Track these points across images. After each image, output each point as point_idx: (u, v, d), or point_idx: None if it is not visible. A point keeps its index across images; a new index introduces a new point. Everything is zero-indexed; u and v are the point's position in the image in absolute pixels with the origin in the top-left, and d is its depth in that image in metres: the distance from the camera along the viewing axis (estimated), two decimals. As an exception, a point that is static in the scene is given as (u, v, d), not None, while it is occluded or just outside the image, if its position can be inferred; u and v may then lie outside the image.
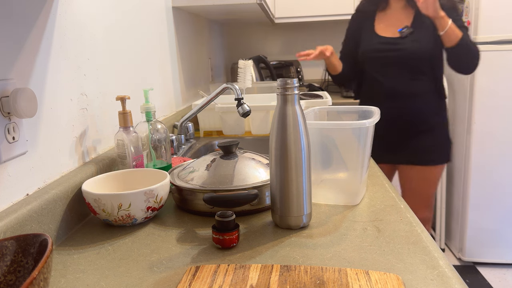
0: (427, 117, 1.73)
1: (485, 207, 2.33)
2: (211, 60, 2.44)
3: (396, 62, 1.70)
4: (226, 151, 0.92)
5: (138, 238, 0.77)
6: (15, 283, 0.53)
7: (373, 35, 1.76)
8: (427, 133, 1.74)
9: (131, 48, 1.24)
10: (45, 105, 0.81)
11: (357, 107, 1.02)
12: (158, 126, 1.03)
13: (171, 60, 1.65)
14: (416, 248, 0.68)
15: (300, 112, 0.74)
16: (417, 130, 1.74)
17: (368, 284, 0.57)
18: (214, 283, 0.58)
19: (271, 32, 3.21)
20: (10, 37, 0.71)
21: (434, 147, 1.77)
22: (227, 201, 0.78)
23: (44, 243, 0.52)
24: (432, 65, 1.69)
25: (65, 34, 0.88)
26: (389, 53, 1.70)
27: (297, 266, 0.62)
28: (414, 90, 1.70)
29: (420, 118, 1.72)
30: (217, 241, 0.70)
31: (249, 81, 1.52)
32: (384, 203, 0.87)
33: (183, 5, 1.70)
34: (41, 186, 0.79)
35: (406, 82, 1.70)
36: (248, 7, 1.87)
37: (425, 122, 1.73)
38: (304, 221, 0.77)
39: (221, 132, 1.66)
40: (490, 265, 2.39)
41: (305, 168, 0.75)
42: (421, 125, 1.73)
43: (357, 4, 1.99)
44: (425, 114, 1.73)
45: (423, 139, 1.75)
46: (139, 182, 0.91)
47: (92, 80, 0.99)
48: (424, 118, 1.72)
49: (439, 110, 1.77)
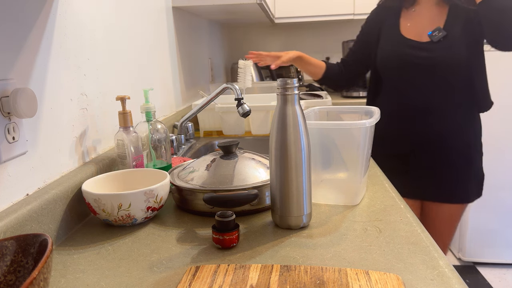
0: (461, 142, 1.40)
1: (485, 207, 2.33)
2: (211, 60, 2.44)
3: (424, 71, 1.38)
4: (226, 151, 0.92)
5: (138, 238, 0.77)
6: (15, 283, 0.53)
7: (397, 36, 1.44)
8: (460, 162, 1.42)
9: (131, 48, 1.24)
10: (45, 105, 0.80)
11: (357, 107, 1.02)
12: (158, 126, 1.03)
13: (171, 60, 1.65)
14: (416, 248, 0.68)
15: (300, 112, 0.74)
16: (448, 157, 1.41)
17: (368, 284, 0.57)
18: (214, 283, 0.58)
19: (271, 32, 3.21)
20: (10, 37, 0.71)
21: (467, 181, 1.43)
22: (227, 201, 0.78)
23: (44, 243, 0.52)
24: (470, 75, 1.37)
25: (65, 34, 0.88)
26: (416, 61, 1.38)
27: (297, 266, 0.62)
28: (445, 106, 1.38)
29: (453, 142, 1.40)
30: (217, 241, 0.70)
31: (249, 81, 1.51)
32: (384, 203, 0.87)
33: (183, 5, 1.70)
34: (41, 186, 0.79)
35: (435, 97, 1.38)
36: (248, 7, 1.87)
37: (458, 147, 1.40)
38: (304, 221, 0.77)
39: (221, 132, 1.66)
40: (490, 265, 2.39)
41: (305, 168, 0.75)
42: (453, 151, 1.41)
43: (357, 4, 1.87)
44: (459, 137, 1.40)
45: (455, 169, 1.42)
46: (139, 182, 0.91)
47: (92, 80, 0.99)
48: (457, 143, 1.40)
49: (476, 132, 1.44)
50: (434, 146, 1.41)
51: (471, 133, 1.42)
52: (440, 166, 1.43)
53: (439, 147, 1.41)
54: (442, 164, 1.42)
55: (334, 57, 3.20)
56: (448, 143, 1.40)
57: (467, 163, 1.42)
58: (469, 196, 1.46)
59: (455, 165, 1.42)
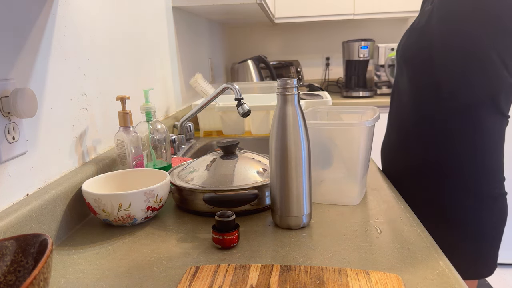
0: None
1: (485, 207, 2.32)
2: (211, 60, 2.44)
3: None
4: (226, 151, 0.92)
5: (138, 238, 0.77)
6: (15, 283, 0.53)
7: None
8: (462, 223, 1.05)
9: (131, 48, 1.24)
10: (45, 105, 0.81)
11: (357, 107, 1.02)
12: (158, 126, 1.03)
13: (171, 60, 1.65)
14: (416, 248, 0.68)
15: (300, 112, 0.74)
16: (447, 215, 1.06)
17: (368, 284, 0.57)
18: (214, 283, 0.58)
19: (271, 32, 3.21)
20: (10, 37, 0.71)
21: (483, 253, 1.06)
22: (227, 201, 0.78)
23: (44, 243, 0.52)
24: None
25: (65, 34, 0.88)
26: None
27: (297, 266, 0.62)
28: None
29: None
30: (217, 241, 0.70)
31: (209, 87, 1.62)
32: (384, 203, 0.87)
33: (183, 5, 1.70)
34: (41, 186, 0.79)
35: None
36: (248, 7, 1.87)
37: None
38: (304, 221, 0.77)
39: (221, 132, 1.66)
40: (490, 265, 2.39)
41: (305, 168, 0.75)
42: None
43: (357, 4, 1.81)
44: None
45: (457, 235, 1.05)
46: (139, 182, 0.91)
47: (92, 80, 0.99)
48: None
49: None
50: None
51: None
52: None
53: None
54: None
55: (334, 57, 3.20)
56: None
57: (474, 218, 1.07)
58: (485, 271, 1.10)
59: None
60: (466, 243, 1.05)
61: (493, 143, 1.01)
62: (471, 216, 1.04)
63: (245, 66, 2.70)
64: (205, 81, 1.65)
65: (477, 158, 1.01)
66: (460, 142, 1.01)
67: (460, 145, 1.02)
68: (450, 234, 1.04)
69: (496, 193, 1.04)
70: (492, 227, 1.05)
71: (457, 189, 1.04)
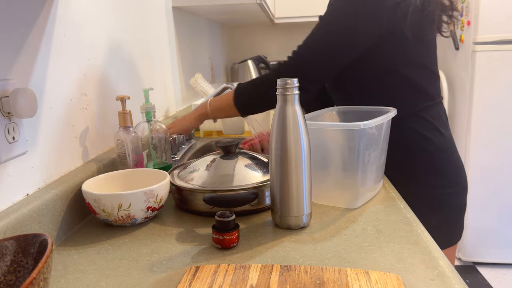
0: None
1: (484, 207, 2.33)
2: (211, 60, 2.44)
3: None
4: (226, 151, 0.92)
5: (138, 238, 0.77)
6: (15, 283, 0.53)
7: None
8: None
9: (131, 48, 1.24)
10: (45, 105, 0.80)
11: (357, 107, 1.02)
12: (158, 126, 1.03)
13: (171, 60, 1.65)
14: (416, 248, 0.68)
15: (300, 112, 0.74)
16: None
17: (368, 284, 0.57)
18: (214, 283, 0.58)
19: (271, 32, 3.21)
20: (10, 37, 0.71)
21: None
22: (227, 201, 0.78)
23: (44, 243, 0.52)
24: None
25: (65, 34, 0.88)
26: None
27: (297, 266, 0.62)
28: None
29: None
30: (217, 241, 0.70)
31: (210, 88, 1.61)
32: (384, 203, 0.87)
33: (183, 5, 1.70)
34: (41, 186, 0.79)
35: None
36: (248, 7, 1.87)
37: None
38: (304, 221, 0.77)
39: (221, 132, 1.66)
40: (490, 265, 2.39)
41: (305, 168, 0.75)
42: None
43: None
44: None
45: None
46: (139, 182, 0.91)
47: (92, 80, 0.99)
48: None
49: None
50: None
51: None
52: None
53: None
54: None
55: (334, 57, 3.20)
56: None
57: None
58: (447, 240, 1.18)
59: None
60: (438, 216, 1.13)
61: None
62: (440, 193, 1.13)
63: (245, 66, 2.70)
64: (205, 81, 1.65)
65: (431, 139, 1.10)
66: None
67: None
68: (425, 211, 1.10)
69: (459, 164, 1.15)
70: (456, 198, 1.16)
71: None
